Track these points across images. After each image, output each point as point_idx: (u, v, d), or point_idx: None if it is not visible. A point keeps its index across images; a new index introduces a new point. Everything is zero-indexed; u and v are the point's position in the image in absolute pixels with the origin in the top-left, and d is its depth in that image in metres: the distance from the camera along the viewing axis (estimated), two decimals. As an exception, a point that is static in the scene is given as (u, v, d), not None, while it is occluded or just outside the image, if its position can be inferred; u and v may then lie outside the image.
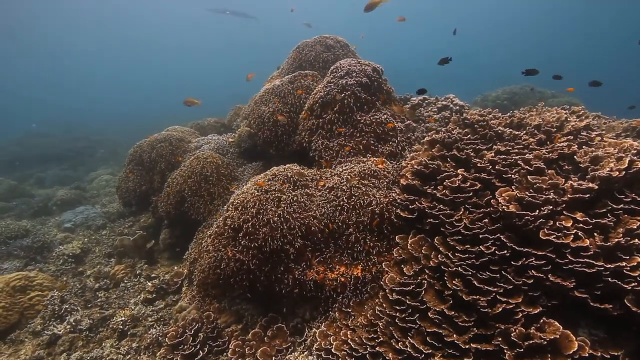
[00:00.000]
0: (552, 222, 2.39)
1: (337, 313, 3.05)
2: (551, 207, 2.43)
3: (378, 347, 2.55)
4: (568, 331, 2.13)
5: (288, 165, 4.02)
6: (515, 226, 2.53)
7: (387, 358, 2.45)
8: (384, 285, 2.87)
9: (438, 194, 3.00)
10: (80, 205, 8.64)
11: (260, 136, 5.13)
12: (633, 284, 2.06)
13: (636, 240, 2.19)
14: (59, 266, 5.59)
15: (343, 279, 3.14)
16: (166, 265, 5.37)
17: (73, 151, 15.39)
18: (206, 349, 3.35)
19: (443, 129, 3.73)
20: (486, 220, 2.68)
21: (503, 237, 2.52)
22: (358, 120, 4.23)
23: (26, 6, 32.63)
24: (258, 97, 5.45)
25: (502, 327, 2.25)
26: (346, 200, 3.35)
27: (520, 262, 2.38)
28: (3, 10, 32.25)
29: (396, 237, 3.11)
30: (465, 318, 2.39)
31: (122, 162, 6.76)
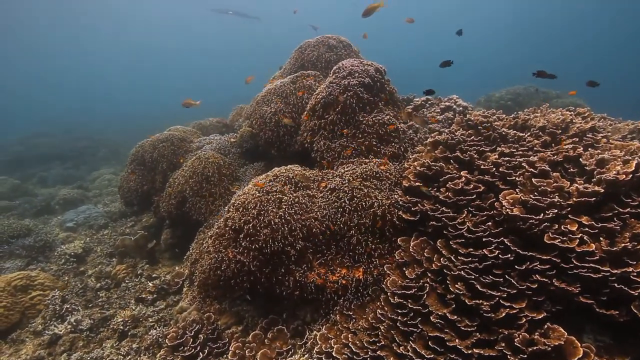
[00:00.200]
0: (557, 226, 2.35)
1: (338, 316, 3.03)
2: (556, 211, 2.40)
3: (379, 351, 2.53)
4: (573, 337, 2.09)
5: (290, 166, 4.00)
6: (519, 230, 2.50)
7: (389, 362, 2.43)
8: (386, 288, 2.84)
9: (441, 196, 2.97)
10: (82, 204, 8.65)
11: (262, 136, 5.11)
12: (640, 290, 2.03)
13: (643, 245, 2.15)
14: (61, 266, 5.59)
15: (344, 282, 3.11)
16: (167, 265, 5.36)
17: (75, 150, 15.44)
18: (206, 351, 3.33)
19: (446, 130, 3.69)
20: (490, 223, 2.64)
21: (507, 241, 2.48)
22: (360, 121, 4.20)
23: (26, 6, 32.79)
24: (260, 97, 5.42)
25: (506, 333, 2.22)
26: (348, 201, 3.33)
27: (524, 267, 2.34)
28: (3, 10, 32.45)
29: (398, 240, 3.09)
30: (468, 322, 2.35)
31: (125, 162, 6.76)
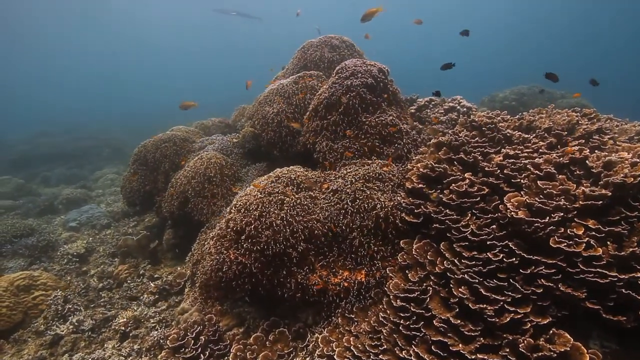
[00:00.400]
0: (563, 230, 2.31)
1: (340, 319, 3.00)
2: (562, 214, 2.36)
3: (381, 355, 2.50)
4: (579, 343, 2.05)
5: (292, 167, 3.98)
6: (524, 233, 2.46)
7: (391, 367, 2.40)
8: (388, 291, 2.81)
9: (444, 199, 2.93)
10: (85, 204, 8.68)
11: (264, 137, 5.09)
12: (648, 296, 1.98)
13: (651, 249, 2.11)
14: (63, 265, 5.60)
15: (346, 284, 3.08)
16: (169, 265, 5.36)
17: (79, 150, 15.52)
18: (207, 353, 3.31)
19: (450, 131, 3.65)
20: (494, 226, 2.61)
21: (511, 244, 2.45)
22: (363, 121, 4.17)
23: (27, 6, 32.99)
24: (262, 98, 5.40)
25: (510, 338, 2.18)
26: (350, 203, 3.30)
27: (529, 271, 2.31)
28: (6, 10, 32.68)
29: (401, 242, 3.06)
30: (471, 327, 2.32)
31: (128, 161, 6.78)
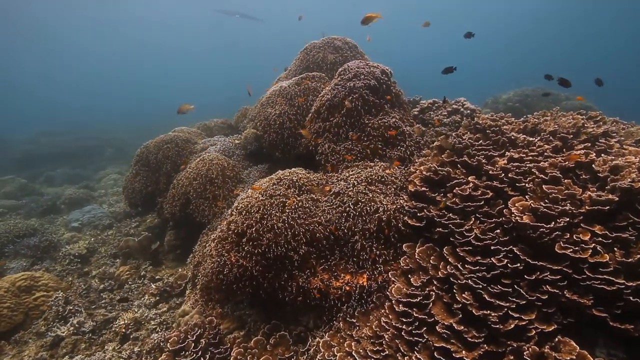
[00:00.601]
0: (569, 235, 2.27)
1: (342, 323, 2.97)
2: (568, 219, 2.32)
3: (383, 361, 2.46)
4: (585, 351, 2.01)
5: (293, 169, 3.95)
6: (529, 238, 2.42)
7: (393, 373, 2.36)
8: (390, 295, 2.78)
9: (447, 202, 2.89)
10: (88, 204, 8.70)
11: (266, 138, 5.07)
12: (656, 304, 1.94)
13: (660, 256, 2.07)
14: (65, 266, 5.60)
15: (348, 288, 3.05)
16: (171, 267, 5.35)
17: (82, 150, 15.58)
18: (208, 356, 3.29)
19: (453, 134, 3.62)
20: (498, 231, 2.57)
21: (516, 250, 2.41)
22: (366, 123, 4.14)
23: (29, 6, 33.20)
24: (264, 99, 5.39)
25: (514, 345, 2.14)
26: (352, 206, 3.27)
27: (534, 277, 2.27)
28: (8, 10, 32.93)
29: (403, 246, 3.02)
30: (475, 334, 2.28)
31: (130, 162, 6.78)
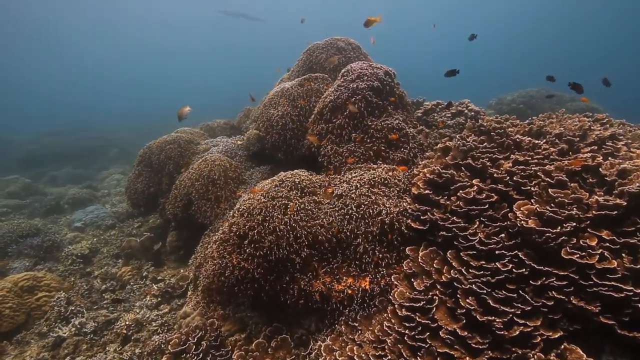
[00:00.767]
0: (576, 240, 2.23)
1: (344, 326, 2.94)
2: (574, 224, 2.28)
3: (386, 367, 2.43)
4: (591, 359, 1.97)
5: (296, 170, 3.93)
6: (534, 243, 2.38)
7: (395, 379, 2.33)
8: (393, 299, 2.75)
9: (451, 205, 2.86)
10: (91, 204, 8.72)
11: (268, 140, 5.06)
12: (666, 311, 1.90)
13: (669, 262, 2.02)
14: (68, 266, 5.61)
15: (350, 291, 3.02)
16: (172, 267, 5.34)
17: (86, 150, 15.65)
18: (209, 358, 3.27)
19: (457, 136, 3.58)
20: (503, 235, 2.53)
21: (521, 254, 2.37)
22: (369, 125, 4.11)
23: (39, 7, 33.47)
24: (267, 100, 5.37)
25: (520, 352, 2.10)
26: (355, 209, 3.24)
27: (539, 282, 2.23)
28: (10, 10, 33.21)
29: (406, 249, 2.99)
30: (479, 340, 2.25)
31: (134, 162, 6.79)
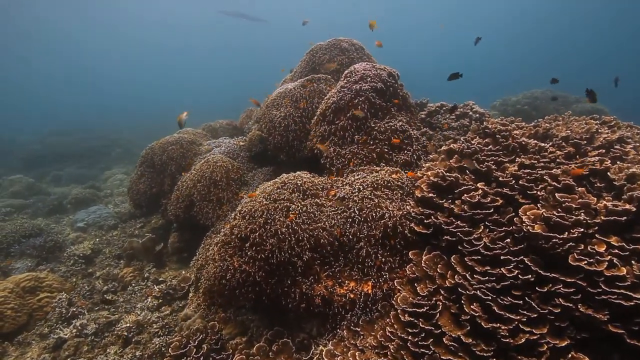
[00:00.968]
0: (583, 247, 2.18)
1: (346, 331, 2.91)
2: (582, 230, 2.23)
3: (388, 373, 2.39)
4: (600, 369, 1.93)
5: (298, 172, 3.89)
6: (541, 248, 2.33)
7: (398, 386, 2.29)
8: (396, 304, 2.71)
9: (456, 209, 2.82)
10: (94, 204, 8.73)
11: (271, 141, 5.03)
12: (677, 321, 1.85)
13: (680, 270, 1.97)
14: (69, 267, 5.61)
15: (352, 295, 2.99)
16: (174, 269, 5.32)
17: (89, 150, 15.68)
18: (209, 362, 3.25)
19: (462, 138, 3.54)
20: (508, 240, 2.49)
21: (527, 260, 2.33)
22: (372, 127, 4.07)
23: (39, 7, 33.64)
24: (270, 101, 5.35)
25: (526, 360, 2.06)
26: (357, 212, 3.20)
27: (546, 289, 2.18)
28: (12, 10, 33.43)
29: (409, 253, 2.95)
30: (483, 347, 2.20)
31: (137, 162, 6.78)
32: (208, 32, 56.86)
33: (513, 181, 2.75)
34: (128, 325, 3.99)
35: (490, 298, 2.30)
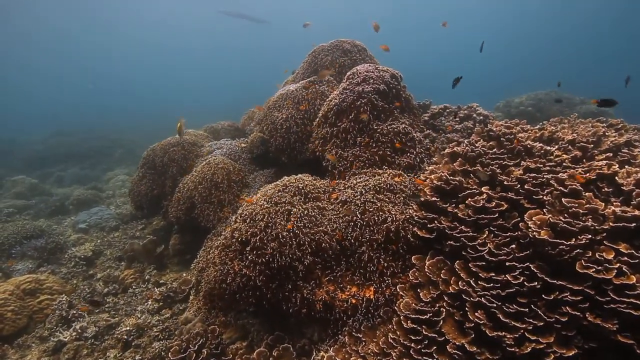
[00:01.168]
0: (591, 254, 2.13)
1: (347, 337, 2.86)
2: (590, 236, 2.17)
3: (390, 382, 2.35)
4: (609, 380, 1.88)
5: (299, 175, 3.86)
6: (547, 255, 2.28)
7: (401, 395, 2.25)
8: (398, 310, 2.66)
9: (460, 214, 2.77)
10: (96, 205, 8.73)
11: (272, 143, 5.00)
12: (689, 331, 1.80)
13: (691, 278, 1.92)
14: (70, 268, 5.59)
15: (354, 301, 2.94)
16: (175, 271, 5.30)
17: (92, 150, 15.70)
18: (209, 367, 3.21)
19: (465, 141, 3.49)
20: (514, 245, 2.44)
21: (533, 267, 2.27)
22: (374, 129, 4.03)
23: (41, 7, 33.75)
24: (271, 103, 5.31)
25: (532, 370, 2.01)
26: (359, 215, 3.16)
27: (552, 297, 2.13)
28: (14, 10, 33.56)
29: (412, 258, 2.90)
30: (488, 356, 2.16)
31: (139, 163, 6.76)
32: (208, 33, 56.86)
33: (518, 185, 2.70)
34: (128, 328, 3.96)
35: (495, 305, 2.25)
